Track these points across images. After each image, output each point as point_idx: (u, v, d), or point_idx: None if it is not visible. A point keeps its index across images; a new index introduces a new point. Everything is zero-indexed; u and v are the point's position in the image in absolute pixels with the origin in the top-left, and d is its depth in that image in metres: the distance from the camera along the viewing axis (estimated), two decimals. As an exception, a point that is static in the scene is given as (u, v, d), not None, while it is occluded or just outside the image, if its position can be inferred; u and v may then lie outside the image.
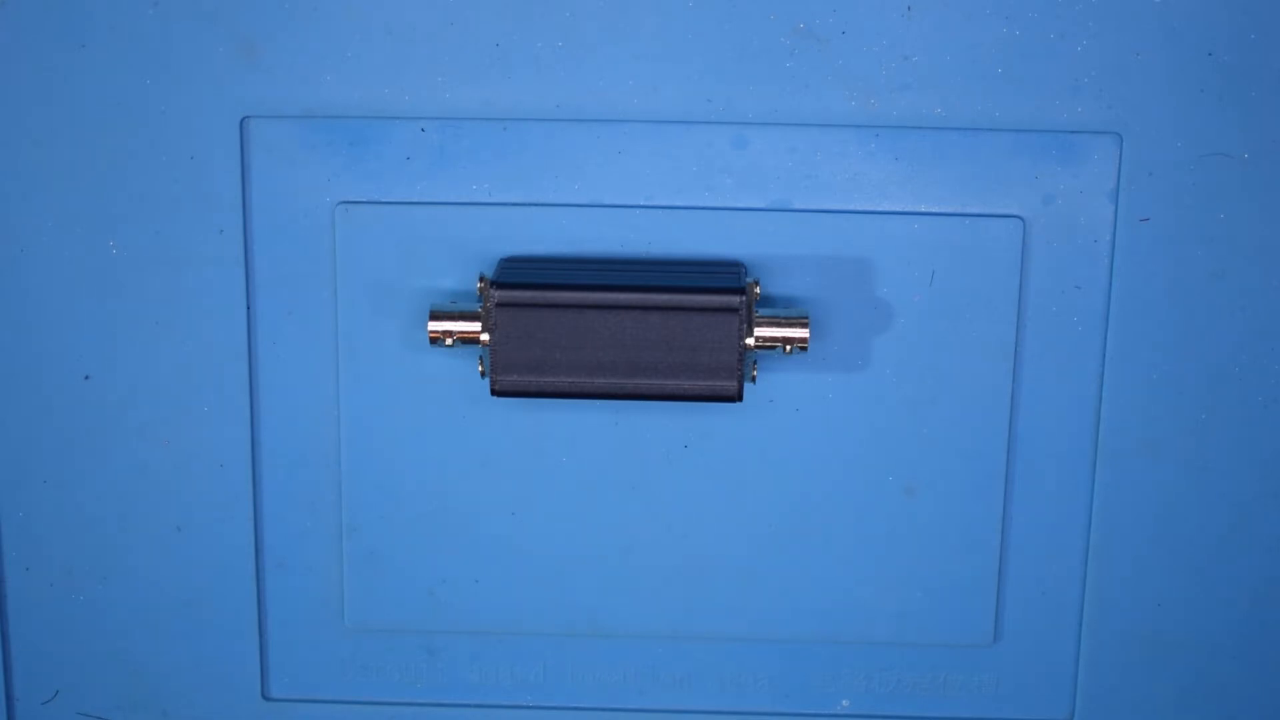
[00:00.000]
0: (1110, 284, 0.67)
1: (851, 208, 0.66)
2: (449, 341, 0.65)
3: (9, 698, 0.73)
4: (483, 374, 0.66)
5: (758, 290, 0.65)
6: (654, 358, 0.64)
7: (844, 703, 0.72)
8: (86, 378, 0.69)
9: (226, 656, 0.73)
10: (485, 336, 0.65)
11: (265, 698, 0.73)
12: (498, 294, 0.64)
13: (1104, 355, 0.67)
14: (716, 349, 0.64)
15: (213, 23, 0.64)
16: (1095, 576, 0.70)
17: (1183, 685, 0.72)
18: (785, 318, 0.65)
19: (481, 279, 0.65)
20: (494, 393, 0.65)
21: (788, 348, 0.64)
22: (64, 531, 0.71)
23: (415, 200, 0.66)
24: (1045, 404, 0.68)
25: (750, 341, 0.64)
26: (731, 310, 0.63)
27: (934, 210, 0.66)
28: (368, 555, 0.71)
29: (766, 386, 0.68)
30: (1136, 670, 0.71)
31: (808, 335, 0.64)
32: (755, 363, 0.65)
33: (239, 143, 0.66)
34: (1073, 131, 0.65)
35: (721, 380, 0.64)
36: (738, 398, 0.64)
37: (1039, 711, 0.73)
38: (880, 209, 0.66)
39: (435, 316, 0.65)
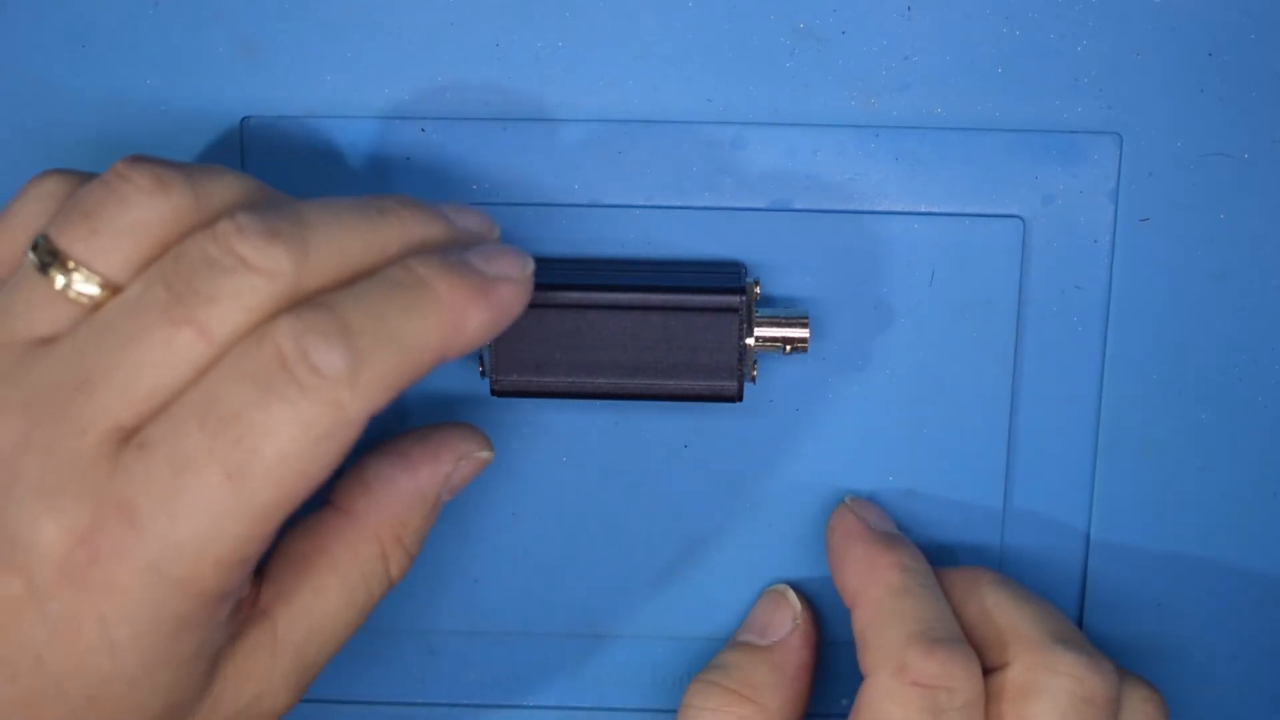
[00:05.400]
0: (1110, 284, 0.67)
1: (851, 208, 0.66)
2: (449, 341, 0.65)
3: (9, 698, 0.73)
4: (483, 374, 0.66)
5: (758, 290, 0.65)
6: (654, 358, 0.64)
7: (844, 702, 0.72)
8: (86, 378, 0.69)
9: (226, 656, 0.73)
10: (485, 336, 0.65)
11: (265, 698, 0.73)
12: (498, 294, 0.64)
13: (1104, 355, 0.67)
14: (716, 349, 0.64)
15: (213, 23, 0.64)
16: (1095, 576, 0.70)
17: (1183, 685, 0.72)
18: (785, 318, 0.64)
19: (481, 279, 0.65)
20: (494, 393, 0.65)
21: (788, 348, 0.64)
22: (64, 531, 0.71)
23: (415, 200, 0.66)
24: (1045, 404, 0.68)
25: (750, 341, 0.64)
26: (731, 310, 0.63)
27: (934, 210, 0.66)
28: (368, 555, 0.71)
29: (766, 386, 0.68)
30: (1136, 670, 0.71)
31: (808, 335, 0.64)
32: (755, 363, 0.65)
33: (239, 143, 0.66)
34: (1073, 131, 0.65)
35: (721, 380, 0.64)
36: (738, 398, 0.64)
37: (1039, 711, 0.73)
38: (880, 209, 0.66)
39: (435, 316, 0.65)
